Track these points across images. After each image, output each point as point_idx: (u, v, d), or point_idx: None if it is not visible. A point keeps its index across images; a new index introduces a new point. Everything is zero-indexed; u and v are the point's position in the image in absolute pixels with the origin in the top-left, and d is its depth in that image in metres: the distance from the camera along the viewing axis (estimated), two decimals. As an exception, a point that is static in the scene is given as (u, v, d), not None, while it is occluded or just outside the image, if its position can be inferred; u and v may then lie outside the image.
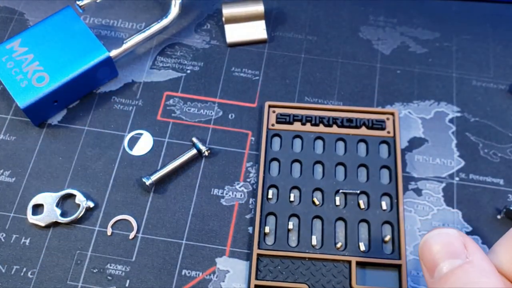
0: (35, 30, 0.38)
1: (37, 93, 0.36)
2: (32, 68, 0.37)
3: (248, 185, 0.37)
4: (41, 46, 0.38)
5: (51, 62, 0.37)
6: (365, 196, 0.36)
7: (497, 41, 0.43)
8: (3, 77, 0.37)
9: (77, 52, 0.38)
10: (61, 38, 0.38)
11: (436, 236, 0.24)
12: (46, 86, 0.36)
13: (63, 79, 0.37)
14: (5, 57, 0.37)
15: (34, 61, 0.37)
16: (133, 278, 0.33)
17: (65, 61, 0.37)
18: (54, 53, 0.37)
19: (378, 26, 0.43)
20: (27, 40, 0.38)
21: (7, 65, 0.37)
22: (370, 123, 0.38)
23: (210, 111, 0.39)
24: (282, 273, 0.33)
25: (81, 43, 0.38)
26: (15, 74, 0.37)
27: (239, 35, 0.42)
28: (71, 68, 0.37)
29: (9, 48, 0.37)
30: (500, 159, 0.38)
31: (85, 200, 0.35)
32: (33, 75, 0.37)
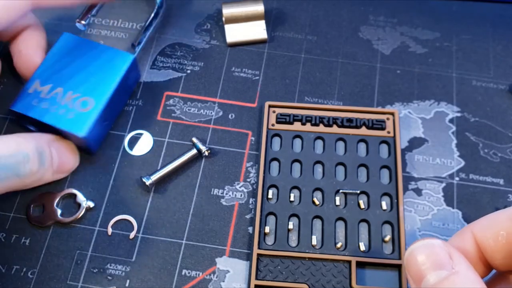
0: (46, 66, 0.36)
1: (89, 117, 0.34)
2: (69, 98, 0.35)
3: (248, 185, 0.37)
4: (63, 76, 0.36)
5: (85, 86, 0.35)
6: (365, 196, 0.36)
7: (497, 41, 0.43)
8: (47, 119, 0.34)
9: (102, 66, 0.36)
10: (77, 61, 0.37)
11: (421, 247, 0.24)
12: (94, 108, 0.35)
13: (106, 95, 0.35)
14: (35, 101, 0.35)
15: (66, 92, 0.35)
16: (133, 278, 0.33)
17: (97, 79, 0.36)
18: (81, 77, 0.36)
19: (378, 26, 0.43)
20: (44, 78, 0.36)
21: (43, 106, 0.35)
22: (370, 123, 0.38)
23: (210, 111, 0.39)
24: (282, 273, 0.33)
25: (100, 57, 0.37)
26: (56, 110, 0.34)
27: (239, 35, 0.42)
28: (107, 82, 0.36)
29: (32, 92, 0.35)
30: (500, 159, 0.38)
31: (85, 200, 0.35)
32: (74, 104, 0.35)
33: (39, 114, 0.34)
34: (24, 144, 0.32)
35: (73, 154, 0.36)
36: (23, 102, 0.35)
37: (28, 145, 0.32)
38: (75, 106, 0.35)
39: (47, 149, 0.33)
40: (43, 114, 0.34)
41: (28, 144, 0.32)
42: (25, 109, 0.35)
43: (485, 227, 0.26)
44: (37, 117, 0.34)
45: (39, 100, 0.35)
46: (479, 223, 0.26)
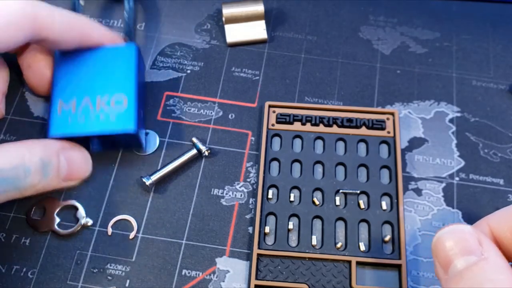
0: (59, 82, 0.35)
1: (130, 111, 0.34)
2: (101, 103, 0.34)
3: (248, 185, 0.37)
4: (82, 86, 0.35)
5: (108, 85, 0.34)
6: (365, 196, 0.36)
7: (497, 41, 0.43)
8: (91, 130, 0.33)
9: (113, 63, 0.35)
10: (86, 67, 0.35)
11: (450, 232, 0.24)
12: (129, 101, 0.34)
13: (133, 87, 0.34)
14: (70, 119, 0.33)
15: (94, 98, 0.34)
16: (133, 278, 0.33)
17: (115, 75, 0.35)
18: (100, 79, 0.35)
19: (378, 26, 0.43)
20: (65, 95, 0.34)
21: (80, 121, 0.33)
22: (370, 123, 0.38)
23: (210, 111, 0.39)
24: (282, 273, 0.33)
25: (105, 56, 0.36)
26: (95, 119, 0.33)
27: (239, 35, 0.42)
28: (126, 74, 0.35)
29: (61, 113, 0.34)
30: (500, 159, 0.38)
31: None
32: (109, 106, 0.34)
33: (81, 129, 0.33)
34: (28, 156, 0.31)
35: (85, 162, 0.35)
36: (58, 125, 0.33)
37: (32, 157, 0.31)
38: (111, 107, 0.34)
39: (54, 158, 0.32)
40: (84, 127, 0.33)
41: (33, 156, 0.31)
42: (64, 130, 0.33)
43: (502, 219, 0.25)
44: (80, 133, 0.33)
45: (73, 117, 0.33)
46: (496, 215, 0.26)
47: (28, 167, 0.30)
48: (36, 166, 0.31)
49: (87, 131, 0.33)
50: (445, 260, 0.23)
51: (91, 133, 0.33)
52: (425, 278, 0.34)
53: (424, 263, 0.34)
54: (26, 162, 0.30)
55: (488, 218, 0.26)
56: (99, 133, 0.33)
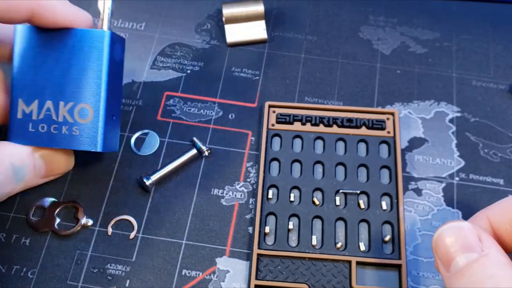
0: (19, 76, 0.30)
1: (95, 127, 0.30)
2: (63, 111, 0.30)
3: (248, 185, 0.37)
4: (44, 84, 0.30)
5: (73, 89, 0.30)
6: (365, 196, 0.36)
7: (497, 41, 0.43)
8: (53, 144, 0.30)
9: (80, 57, 0.30)
10: (50, 59, 0.30)
11: (450, 229, 0.24)
12: (95, 115, 0.30)
13: (101, 94, 0.30)
14: (31, 126, 0.30)
15: (57, 104, 0.30)
16: (133, 278, 0.33)
17: (82, 75, 0.30)
18: (64, 78, 0.30)
19: (378, 26, 0.43)
20: (26, 94, 0.30)
21: (41, 130, 0.30)
22: (370, 123, 0.38)
23: (210, 111, 0.39)
24: (282, 273, 0.33)
25: (72, 45, 0.30)
26: (57, 131, 0.30)
27: (239, 35, 0.42)
28: (95, 76, 0.30)
29: (21, 116, 0.30)
30: (500, 159, 0.38)
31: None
32: (72, 117, 0.30)
33: (43, 141, 0.30)
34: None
35: (65, 157, 0.32)
36: (19, 132, 0.30)
37: (2, 166, 0.27)
38: (74, 118, 0.30)
39: (28, 160, 0.29)
40: (46, 139, 0.30)
41: (1, 163, 0.27)
42: (25, 140, 0.30)
43: (501, 211, 0.25)
44: (42, 145, 0.30)
45: (34, 124, 0.30)
46: (494, 207, 0.26)
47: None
48: (5, 173, 0.28)
49: (49, 144, 0.30)
50: (446, 258, 0.23)
51: (52, 146, 0.30)
52: (425, 278, 0.34)
53: (424, 263, 0.34)
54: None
55: (486, 211, 0.26)
56: (60, 147, 0.31)
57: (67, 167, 0.33)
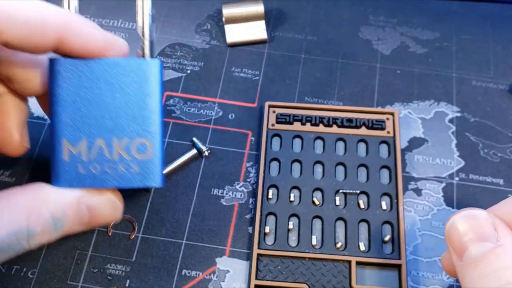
0: (61, 114, 0.27)
1: (155, 162, 0.27)
2: (119, 148, 0.27)
3: (248, 185, 0.37)
4: (92, 121, 0.27)
5: (127, 124, 0.27)
6: (365, 196, 0.36)
7: (497, 41, 0.43)
8: (110, 183, 0.27)
9: (131, 88, 0.27)
10: (96, 93, 0.27)
11: (464, 217, 0.23)
12: (154, 149, 0.27)
13: (158, 125, 0.27)
14: (81, 168, 0.27)
15: (110, 141, 0.27)
16: (133, 278, 0.33)
17: (136, 109, 0.27)
18: (116, 113, 0.27)
19: (378, 26, 0.43)
20: (70, 133, 0.27)
21: (94, 171, 0.27)
22: (370, 123, 0.38)
23: (210, 111, 0.39)
24: (282, 273, 0.33)
25: (121, 76, 0.27)
26: (114, 169, 0.27)
27: (239, 35, 0.42)
28: (149, 108, 0.27)
29: (69, 158, 0.27)
30: (500, 159, 0.38)
31: None
32: (130, 154, 0.27)
33: (97, 182, 0.27)
34: (35, 215, 0.24)
35: (113, 208, 0.28)
36: (68, 176, 0.27)
37: (40, 217, 0.24)
38: (132, 155, 0.27)
39: (71, 210, 0.26)
40: (101, 180, 0.27)
41: (40, 214, 0.25)
42: (75, 183, 0.27)
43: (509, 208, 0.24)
44: (96, 186, 0.27)
45: (85, 165, 0.27)
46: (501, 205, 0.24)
47: (32, 229, 0.24)
48: (44, 225, 0.25)
49: (105, 184, 0.27)
50: (460, 247, 0.22)
51: (108, 186, 0.28)
52: (425, 278, 0.34)
53: (424, 263, 0.34)
54: (31, 224, 0.24)
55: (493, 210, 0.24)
56: (118, 187, 0.28)
57: (112, 219, 0.29)
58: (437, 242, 0.35)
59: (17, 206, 0.25)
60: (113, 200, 0.28)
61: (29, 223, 0.24)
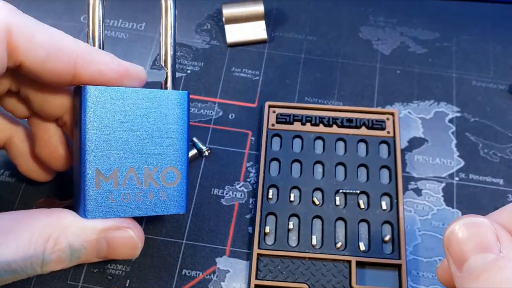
0: (93, 142, 0.27)
1: (181, 189, 0.29)
2: (148, 177, 0.28)
3: (248, 185, 0.37)
4: (123, 150, 0.27)
5: (156, 153, 0.28)
6: (365, 196, 0.36)
7: (497, 41, 0.43)
8: (140, 212, 0.28)
9: (159, 118, 0.28)
10: (126, 122, 0.27)
11: (465, 225, 0.21)
12: (181, 177, 0.29)
13: (184, 154, 0.29)
14: (112, 197, 0.27)
15: (140, 170, 0.28)
16: (133, 278, 0.33)
17: (163, 138, 0.28)
18: (145, 143, 0.28)
19: (378, 26, 0.43)
20: (102, 161, 0.27)
21: (124, 200, 0.27)
22: (370, 123, 0.38)
23: (210, 111, 0.39)
24: (282, 272, 0.33)
25: (150, 107, 0.28)
26: (143, 198, 0.28)
27: (239, 35, 0.42)
28: (179, 141, 0.28)
29: (100, 187, 0.27)
30: (500, 159, 0.38)
31: None
32: (159, 182, 0.28)
33: (126, 211, 0.28)
34: (52, 242, 0.24)
35: (132, 245, 0.28)
36: (98, 205, 0.27)
37: (58, 245, 0.24)
38: (161, 183, 0.28)
39: (90, 242, 0.26)
40: (130, 208, 0.28)
41: (59, 243, 0.25)
42: (105, 213, 0.27)
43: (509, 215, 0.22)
44: (125, 215, 0.28)
45: (116, 195, 0.27)
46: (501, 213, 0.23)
47: (48, 256, 0.24)
48: (60, 254, 0.25)
49: (133, 213, 0.28)
50: (460, 256, 0.21)
51: (137, 215, 0.28)
52: (425, 278, 0.34)
53: (424, 263, 0.34)
54: (47, 251, 0.24)
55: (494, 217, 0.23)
56: (146, 214, 0.29)
57: (131, 256, 0.29)
58: (437, 242, 0.35)
59: (38, 230, 0.24)
60: (133, 237, 0.28)
61: (45, 250, 0.24)
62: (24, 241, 0.24)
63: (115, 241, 0.27)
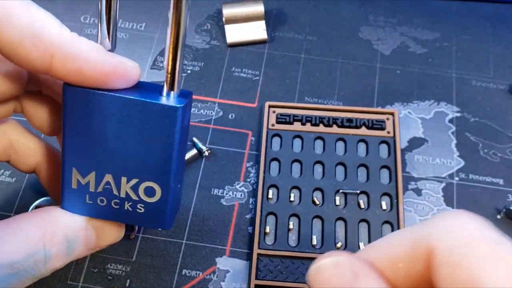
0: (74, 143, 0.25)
1: (163, 206, 0.26)
2: (126, 187, 0.26)
3: (248, 185, 0.37)
4: (102, 156, 0.25)
5: (137, 165, 0.26)
6: (365, 196, 0.36)
7: (497, 41, 0.43)
8: (115, 218, 0.27)
9: (146, 132, 0.25)
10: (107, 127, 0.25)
11: (324, 265, 0.21)
12: (163, 193, 0.26)
13: (171, 171, 0.26)
14: (88, 198, 0.26)
15: (118, 179, 0.26)
16: (133, 278, 0.33)
17: (151, 156, 0.25)
18: (127, 152, 0.25)
19: (378, 26, 0.43)
20: (81, 163, 0.26)
21: (100, 203, 0.26)
22: (370, 123, 0.38)
23: (210, 111, 0.39)
24: (282, 272, 0.33)
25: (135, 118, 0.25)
26: (119, 206, 0.26)
27: (239, 35, 0.42)
28: (165, 157, 0.25)
29: (77, 187, 0.26)
30: (500, 159, 0.38)
31: None
32: (137, 194, 0.26)
33: (102, 214, 0.27)
34: (49, 234, 0.24)
35: (116, 228, 0.28)
36: (74, 202, 0.27)
37: (55, 236, 0.24)
38: (139, 196, 0.26)
39: (81, 232, 0.26)
40: (106, 213, 0.27)
41: (55, 234, 0.24)
42: (81, 211, 0.27)
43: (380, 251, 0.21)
44: (101, 217, 0.27)
45: (92, 196, 0.26)
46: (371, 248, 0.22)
47: (48, 250, 0.24)
48: (59, 247, 0.25)
49: (110, 217, 0.27)
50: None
51: (114, 220, 0.27)
52: (425, 278, 0.34)
53: (424, 263, 0.34)
54: (46, 245, 0.24)
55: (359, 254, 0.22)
56: (123, 222, 0.28)
57: (116, 238, 0.29)
58: (437, 242, 0.35)
59: (32, 227, 0.24)
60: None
61: (45, 245, 0.24)
62: (22, 240, 0.24)
63: (101, 227, 0.27)
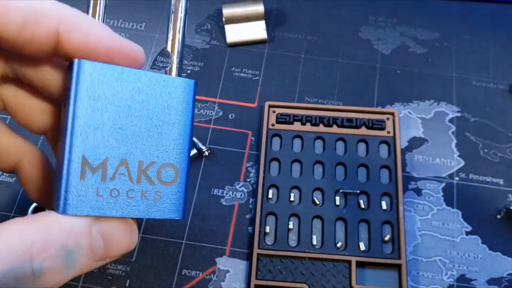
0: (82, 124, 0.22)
1: (179, 191, 0.24)
2: (142, 172, 0.23)
3: (248, 185, 0.37)
4: (116, 137, 0.23)
5: (153, 145, 0.24)
6: (365, 196, 0.36)
7: (497, 41, 0.43)
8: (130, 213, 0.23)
9: (161, 109, 0.24)
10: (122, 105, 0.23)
11: None
12: (180, 177, 0.24)
13: (185, 151, 0.24)
14: (99, 191, 0.22)
15: (134, 163, 0.23)
16: (133, 278, 0.33)
17: (167, 135, 0.24)
18: (142, 132, 0.23)
19: (378, 26, 0.43)
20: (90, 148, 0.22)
21: (113, 195, 0.23)
22: (370, 123, 0.38)
23: (210, 111, 0.39)
24: (282, 272, 0.33)
25: (150, 91, 0.24)
26: (135, 196, 0.23)
27: (239, 35, 0.42)
28: (180, 130, 0.24)
29: (85, 179, 0.22)
30: (500, 159, 0.38)
31: None
32: (154, 179, 0.24)
33: (114, 210, 0.23)
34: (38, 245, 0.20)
35: (128, 232, 0.24)
36: (80, 199, 0.22)
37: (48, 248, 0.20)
38: (157, 181, 0.24)
39: (84, 239, 0.21)
40: (117, 208, 0.23)
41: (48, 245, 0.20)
42: (87, 208, 0.22)
43: None
44: (112, 215, 0.23)
45: (103, 189, 0.23)
46: None
47: (38, 264, 0.20)
48: (54, 259, 0.20)
49: (122, 213, 0.23)
50: None
51: (126, 215, 0.23)
52: (425, 278, 0.34)
53: (424, 263, 0.34)
54: (36, 258, 0.20)
55: None
56: (136, 216, 0.24)
57: (129, 247, 0.24)
58: (437, 242, 0.35)
59: (14, 237, 0.20)
60: (129, 222, 0.24)
61: (33, 258, 0.19)
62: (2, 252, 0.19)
63: (109, 229, 0.23)
